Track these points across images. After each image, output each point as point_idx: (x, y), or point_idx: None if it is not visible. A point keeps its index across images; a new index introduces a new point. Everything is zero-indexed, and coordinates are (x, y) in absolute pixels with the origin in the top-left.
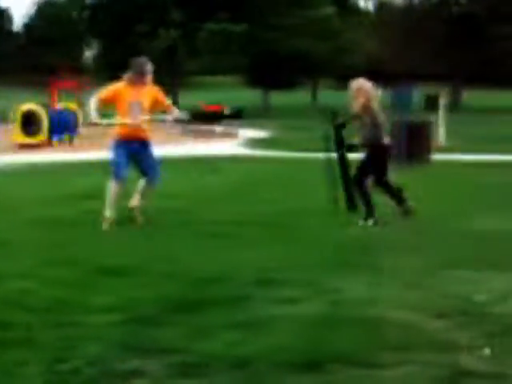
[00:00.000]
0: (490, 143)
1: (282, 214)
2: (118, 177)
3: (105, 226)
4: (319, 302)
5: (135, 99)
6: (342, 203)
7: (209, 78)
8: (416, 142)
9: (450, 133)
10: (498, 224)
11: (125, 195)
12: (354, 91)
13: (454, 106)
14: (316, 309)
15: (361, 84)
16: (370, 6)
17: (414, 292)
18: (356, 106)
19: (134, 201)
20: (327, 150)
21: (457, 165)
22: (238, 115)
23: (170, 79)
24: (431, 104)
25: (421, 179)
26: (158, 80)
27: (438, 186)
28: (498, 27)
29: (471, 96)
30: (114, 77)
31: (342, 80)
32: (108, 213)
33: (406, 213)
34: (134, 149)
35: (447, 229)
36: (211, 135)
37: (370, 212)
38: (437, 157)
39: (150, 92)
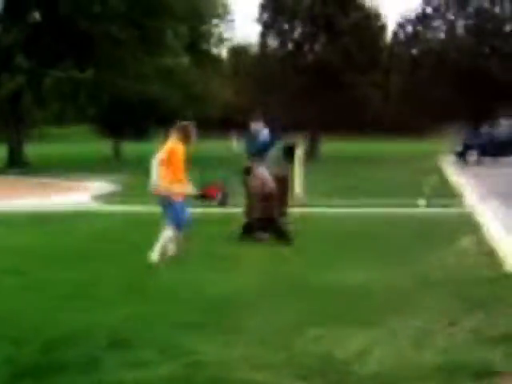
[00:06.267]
0: (347, 194)
1: (134, 271)
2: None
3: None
4: (173, 364)
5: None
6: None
7: (56, 129)
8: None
9: (307, 184)
10: (359, 277)
11: None
12: None
13: (312, 156)
14: (169, 372)
15: None
16: (224, 54)
17: (273, 351)
18: None
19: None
20: None
21: (314, 218)
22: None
23: (14, 129)
24: (288, 154)
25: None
26: (1, 130)
27: (299, 238)
28: (352, 76)
29: (329, 145)
30: None
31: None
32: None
33: None
34: None
35: (307, 283)
36: (59, 188)
37: None
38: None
39: None
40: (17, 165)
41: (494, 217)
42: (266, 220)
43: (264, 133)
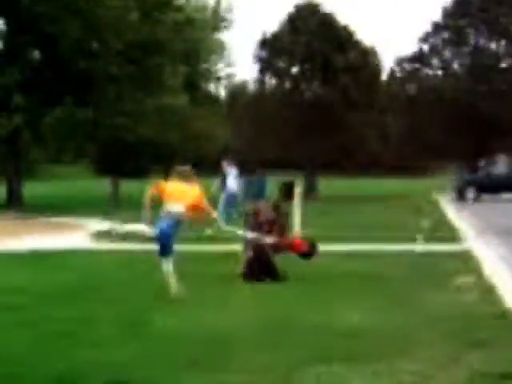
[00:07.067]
0: (345, 232)
1: (133, 311)
2: None
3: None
4: None
5: None
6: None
7: (55, 167)
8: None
9: (305, 221)
10: (359, 316)
11: None
12: None
13: (310, 194)
14: None
15: None
16: (222, 93)
17: None
18: None
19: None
20: None
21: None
22: None
23: (13, 168)
24: (287, 192)
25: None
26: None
27: (295, 277)
28: (351, 114)
29: (327, 184)
30: None
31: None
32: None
33: None
34: None
35: (308, 323)
36: (57, 227)
37: None
38: None
39: None
40: (16, 204)
41: (492, 253)
42: (262, 260)
43: (233, 173)
